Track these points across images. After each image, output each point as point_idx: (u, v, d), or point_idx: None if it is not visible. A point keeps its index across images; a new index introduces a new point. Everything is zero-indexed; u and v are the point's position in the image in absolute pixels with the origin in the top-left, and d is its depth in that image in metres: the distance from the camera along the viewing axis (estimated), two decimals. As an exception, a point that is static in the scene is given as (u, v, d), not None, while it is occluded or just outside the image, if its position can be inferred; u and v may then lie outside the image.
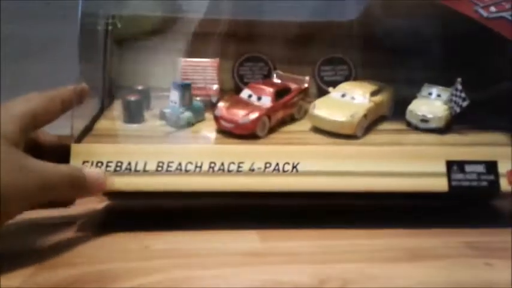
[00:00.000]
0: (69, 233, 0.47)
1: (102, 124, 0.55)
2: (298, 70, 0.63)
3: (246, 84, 0.64)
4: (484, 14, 0.51)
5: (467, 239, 0.47)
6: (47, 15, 0.69)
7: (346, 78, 0.65)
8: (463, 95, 0.54)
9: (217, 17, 0.63)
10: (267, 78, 0.65)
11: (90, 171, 0.45)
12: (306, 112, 0.59)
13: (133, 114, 0.55)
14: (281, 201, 0.54)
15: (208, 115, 0.57)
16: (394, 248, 0.45)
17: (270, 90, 0.56)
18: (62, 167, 0.43)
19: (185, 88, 0.55)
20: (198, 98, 0.58)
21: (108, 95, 0.61)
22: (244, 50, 0.66)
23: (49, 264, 0.41)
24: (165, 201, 0.54)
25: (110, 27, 0.60)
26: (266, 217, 0.51)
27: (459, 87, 0.54)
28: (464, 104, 0.54)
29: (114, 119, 0.56)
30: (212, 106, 0.57)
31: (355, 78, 0.65)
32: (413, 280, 0.41)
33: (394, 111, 0.60)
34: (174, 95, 0.55)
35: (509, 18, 0.51)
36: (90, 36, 0.57)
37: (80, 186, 0.44)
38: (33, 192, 0.40)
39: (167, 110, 0.54)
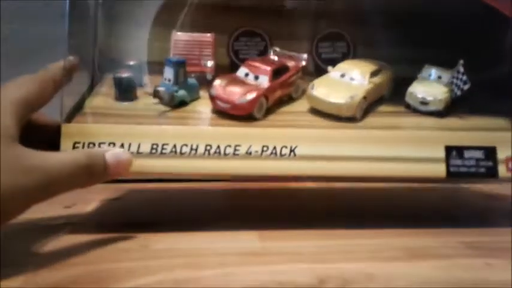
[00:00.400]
0: (69, 233, 0.47)
1: (92, 102, 0.53)
2: (295, 46, 0.62)
3: (241, 61, 0.61)
4: None
5: (467, 239, 0.47)
6: (47, 15, 0.69)
7: (345, 56, 0.64)
8: (464, 78, 0.53)
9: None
10: (263, 54, 0.63)
11: (112, 154, 0.43)
12: (303, 91, 0.57)
13: (124, 91, 0.53)
14: (281, 202, 0.54)
15: (203, 93, 0.56)
16: (394, 248, 0.45)
17: (268, 69, 0.54)
18: (78, 156, 0.41)
19: (179, 65, 0.53)
20: (192, 75, 0.56)
21: (99, 69, 0.58)
22: (239, 23, 0.63)
23: (49, 264, 0.41)
24: (165, 202, 0.54)
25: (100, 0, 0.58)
26: (266, 217, 0.51)
27: (461, 69, 0.54)
28: (466, 87, 0.53)
29: (105, 96, 0.54)
30: (207, 83, 0.56)
31: (354, 56, 0.64)
32: (413, 280, 0.41)
33: (394, 92, 0.59)
34: (168, 72, 0.53)
35: None
36: (79, 9, 0.55)
37: (100, 174, 0.42)
38: (36, 192, 0.39)
39: (161, 88, 0.52)
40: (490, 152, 0.47)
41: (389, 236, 0.47)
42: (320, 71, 0.61)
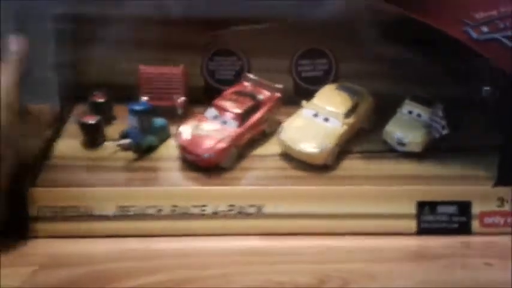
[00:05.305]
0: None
1: (59, 150, 0.51)
2: (274, 64, 0.58)
3: (217, 82, 0.59)
4: (474, 35, 0.43)
5: (467, 239, 0.47)
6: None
7: (326, 74, 0.60)
8: (443, 122, 0.50)
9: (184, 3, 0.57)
10: (239, 74, 0.58)
11: None
12: (277, 124, 0.52)
13: (92, 138, 0.51)
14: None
15: (173, 128, 0.52)
16: (394, 248, 0.45)
17: (238, 111, 0.50)
18: None
19: (143, 113, 0.50)
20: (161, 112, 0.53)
21: (69, 95, 0.56)
22: (214, 42, 0.58)
23: (49, 264, 0.41)
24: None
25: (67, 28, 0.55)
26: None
27: (440, 113, 0.51)
28: (444, 132, 0.50)
29: (72, 139, 0.52)
30: (178, 119, 0.54)
31: (336, 75, 0.60)
32: (413, 280, 0.41)
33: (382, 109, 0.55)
34: (133, 121, 0.50)
35: (504, 41, 0.43)
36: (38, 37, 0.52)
37: None
38: None
39: (126, 141, 0.49)
40: (464, 207, 0.45)
41: (390, 236, 0.47)
42: (299, 91, 0.58)
